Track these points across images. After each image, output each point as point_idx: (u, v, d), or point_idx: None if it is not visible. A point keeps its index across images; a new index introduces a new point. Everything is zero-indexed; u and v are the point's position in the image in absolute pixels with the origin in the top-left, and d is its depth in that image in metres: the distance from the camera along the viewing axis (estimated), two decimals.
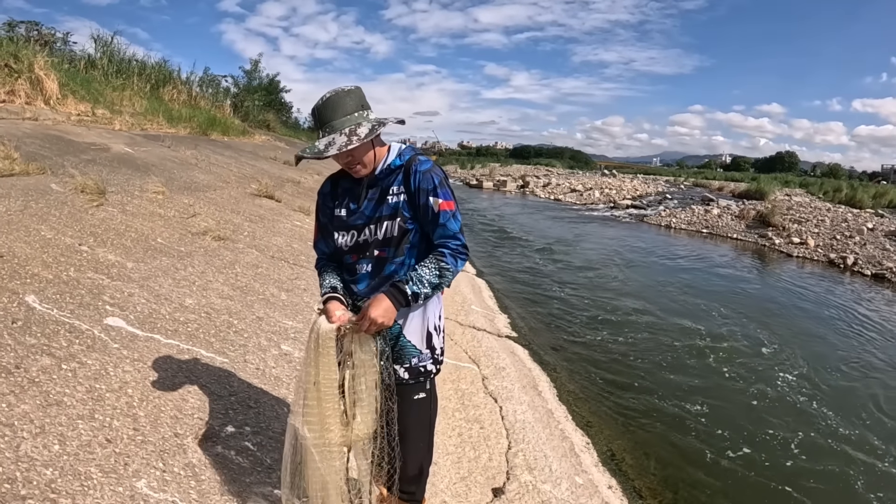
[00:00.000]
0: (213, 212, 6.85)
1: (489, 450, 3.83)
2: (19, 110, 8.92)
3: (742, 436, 5.19)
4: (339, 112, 1.93)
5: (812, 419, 5.63)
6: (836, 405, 5.95)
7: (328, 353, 1.96)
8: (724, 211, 22.73)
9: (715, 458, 4.81)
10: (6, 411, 2.26)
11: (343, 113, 1.93)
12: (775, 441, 5.14)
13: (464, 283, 8.66)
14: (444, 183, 2.07)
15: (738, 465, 4.72)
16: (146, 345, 3.27)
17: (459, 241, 2.06)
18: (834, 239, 16.98)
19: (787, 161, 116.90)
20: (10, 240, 3.89)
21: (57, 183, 5.49)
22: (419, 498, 2.37)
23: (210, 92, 22.19)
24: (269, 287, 5.10)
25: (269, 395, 3.31)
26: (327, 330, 1.96)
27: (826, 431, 5.39)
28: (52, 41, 17.05)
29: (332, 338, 1.96)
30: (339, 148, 1.88)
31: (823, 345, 8.11)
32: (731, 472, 4.64)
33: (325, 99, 1.95)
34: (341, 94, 1.95)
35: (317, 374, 1.95)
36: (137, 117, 12.45)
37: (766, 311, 9.84)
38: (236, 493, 2.38)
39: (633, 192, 36.32)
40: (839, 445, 5.15)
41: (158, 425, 2.60)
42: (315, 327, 1.97)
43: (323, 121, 1.94)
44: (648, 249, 16.24)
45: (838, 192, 30.87)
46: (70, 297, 3.44)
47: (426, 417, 2.27)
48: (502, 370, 5.34)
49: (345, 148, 1.88)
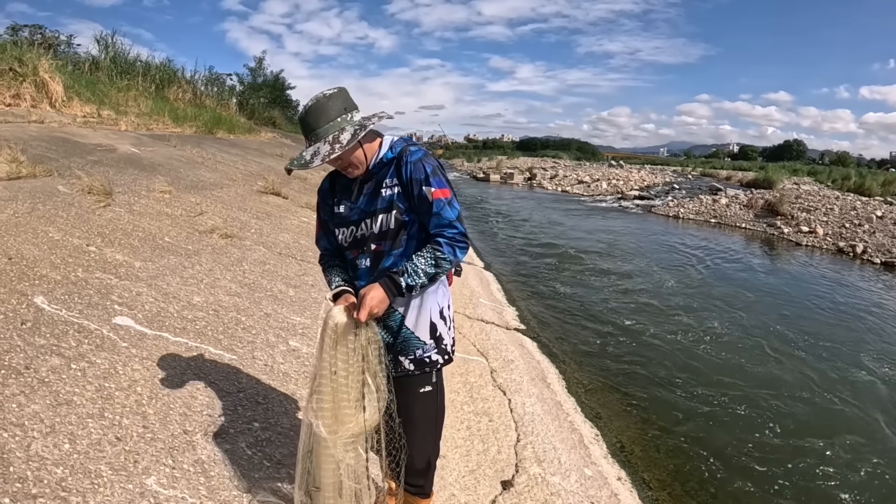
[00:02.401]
0: (220, 210, 6.87)
1: (498, 442, 3.84)
2: (25, 113, 8.94)
3: (752, 428, 5.17)
4: (323, 119, 1.92)
5: (826, 412, 5.60)
6: (851, 396, 5.92)
7: (344, 343, 1.96)
8: (732, 200, 22.57)
9: (724, 450, 4.79)
10: (16, 411, 2.28)
11: (326, 120, 1.93)
12: (787, 434, 5.11)
13: (472, 276, 8.66)
14: (436, 171, 2.05)
15: (748, 458, 4.70)
16: (155, 343, 3.29)
17: (457, 230, 2.03)
18: (843, 227, 16.87)
19: (795, 149, 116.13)
20: (18, 242, 3.92)
21: (64, 184, 5.52)
22: (428, 491, 2.38)
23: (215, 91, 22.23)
24: (277, 283, 5.12)
25: (278, 392, 3.32)
26: (343, 321, 1.96)
27: (843, 425, 5.36)
28: (55, 44, 17.13)
29: (350, 328, 1.97)
30: (322, 158, 1.88)
31: (837, 335, 8.03)
32: (740, 464, 4.62)
33: (307, 107, 1.95)
34: (322, 100, 1.94)
35: (333, 363, 1.95)
36: (143, 117, 12.47)
37: (777, 301, 9.79)
38: (246, 489, 2.39)
39: (641, 183, 36.20)
40: (854, 438, 5.12)
41: (168, 423, 2.61)
42: (332, 317, 1.97)
43: (307, 130, 1.95)
44: (657, 240, 16.17)
45: (847, 181, 30.70)
46: (79, 297, 3.46)
47: (433, 411, 2.27)
48: (511, 363, 5.34)
49: (328, 157, 1.88)
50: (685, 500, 4.11)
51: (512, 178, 40.55)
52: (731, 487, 4.32)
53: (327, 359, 1.96)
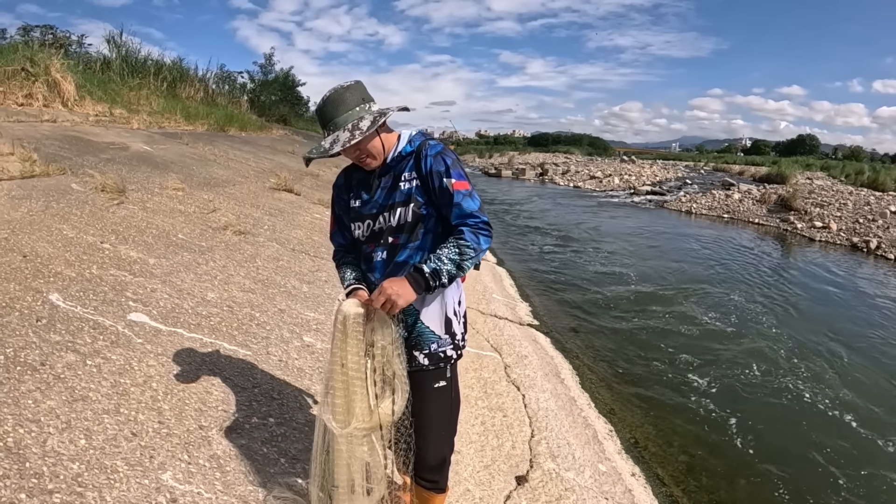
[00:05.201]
0: (232, 206, 6.89)
1: (512, 438, 3.82)
2: (37, 113, 9.01)
3: (767, 426, 5.13)
4: (342, 108, 1.93)
5: (844, 413, 5.54)
6: (872, 393, 5.88)
7: (355, 337, 1.95)
8: (745, 195, 22.42)
9: (738, 447, 4.77)
10: (32, 407, 2.29)
11: (345, 109, 1.94)
12: (803, 431, 5.08)
13: (485, 271, 8.64)
14: (455, 164, 2.05)
15: (762, 456, 4.67)
16: (170, 339, 3.29)
17: (479, 219, 2.01)
18: (856, 223, 16.73)
19: (808, 144, 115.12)
20: (32, 240, 3.93)
21: (77, 183, 5.54)
22: (443, 487, 2.37)
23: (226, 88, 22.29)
24: (291, 279, 5.12)
25: (292, 387, 3.32)
26: (355, 314, 1.95)
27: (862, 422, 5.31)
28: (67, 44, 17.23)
29: (359, 322, 1.95)
30: (343, 144, 1.88)
31: (855, 333, 7.96)
32: (753, 460, 4.60)
33: (325, 98, 1.96)
34: (341, 90, 1.96)
35: (343, 356, 1.94)
36: (155, 116, 12.55)
37: (792, 298, 9.72)
38: (261, 484, 2.39)
39: (653, 178, 36.08)
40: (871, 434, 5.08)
41: (183, 418, 2.61)
42: (341, 311, 1.96)
43: (326, 119, 1.95)
44: (669, 236, 16.11)
45: (860, 175, 30.40)
46: (93, 294, 3.47)
47: (447, 406, 2.25)
48: (524, 358, 5.33)
49: (349, 143, 1.88)
50: (699, 495, 4.08)
51: (524, 173, 40.48)
52: (744, 484, 4.29)
53: (337, 353, 1.95)
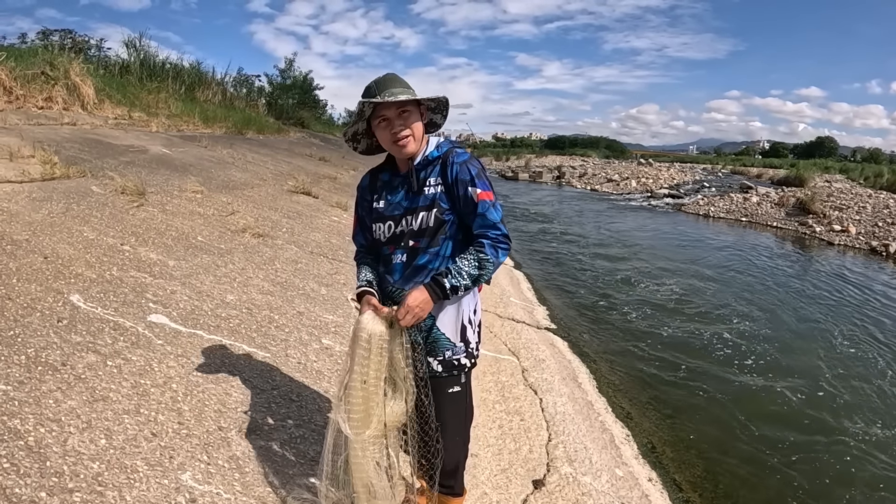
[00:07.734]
0: (251, 209, 6.92)
1: (529, 442, 3.80)
2: (57, 116, 9.11)
3: (786, 431, 5.06)
4: (399, 84, 2.01)
5: (868, 413, 5.47)
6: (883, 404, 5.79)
7: (379, 354, 1.96)
8: (763, 198, 22.21)
9: (756, 452, 4.70)
10: (53, 407, 2.31)
11: (402, 85, 2.01)
12: (823, 438, 5.00)
13: (502, 275, 8.63)
14: (481, 174, 2.08)
15: (780, 461, 4.61)
16: (189, 341, 3.31)
17: (500, 231, 2.05)
18: (876, 226, 16.49)
19: (826, 146, 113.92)
20: (53, 241, 3.97)
21: (97, 185, 5.59)
22: (459, 491, 2.37)
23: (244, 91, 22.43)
24: (309, 282, 5.14)
25: (311, 389, 3.33)
26: (380, 332, 1.96)
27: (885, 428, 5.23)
28: (85, 48, 17.43)
29: (385, 339, 1.97)
30: (397, 97, 1.95)
31: (877, 336, 7.86)
32: (772, 466, 4.53)
33: (383, 75, 2.05)
34: (395, 74, 2.06)
35: (365, 373, 1.95)
36: (174, 119, 12.66)
37: (812, 302, 9.60)
38: (280, 485, 2.39)
39: (670, 181, 35.88)
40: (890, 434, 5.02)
41: (202, 419, 2.63)
42: (364, 328, 1.96)
43: (382, 88, 1.99)
44: (687, 238, 15.99)
45: (879, 178, 29.98)
46: (114, 295, 3.50)
47: (461, 411, 2.26)
48: (542, 362, 5.31)
49: (406, 98, 1.96)
50: (717, 502, 4.04)
51: (541, 176, 40.40)
52: (762, 490, 4.24)
53: (358, 370, 1.95)
